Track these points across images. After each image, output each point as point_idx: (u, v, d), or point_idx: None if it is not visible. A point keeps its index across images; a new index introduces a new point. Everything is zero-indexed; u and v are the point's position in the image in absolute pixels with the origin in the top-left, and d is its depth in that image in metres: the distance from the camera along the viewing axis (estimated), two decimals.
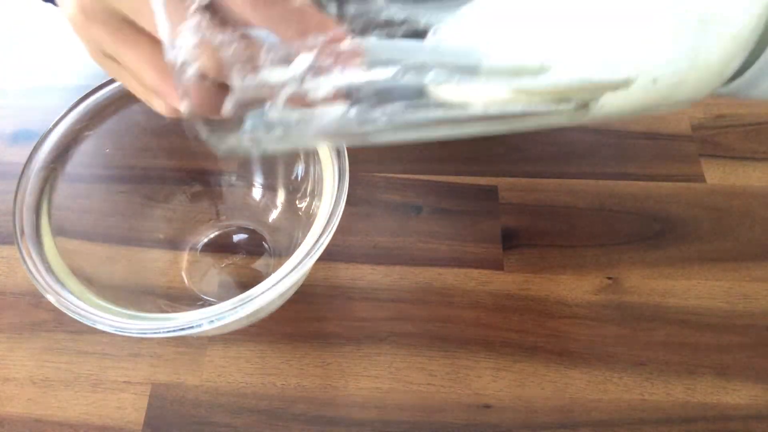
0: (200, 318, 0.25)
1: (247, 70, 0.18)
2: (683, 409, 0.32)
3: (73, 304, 0.26)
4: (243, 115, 0.19)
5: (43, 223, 0.28)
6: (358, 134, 0.21)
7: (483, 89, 0.20)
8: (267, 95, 0.18)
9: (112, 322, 0.26)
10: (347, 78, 0.18)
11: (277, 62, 0.18)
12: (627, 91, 0.19)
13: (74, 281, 0.27)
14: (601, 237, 0.39)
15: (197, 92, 0.18)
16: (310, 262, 0.27)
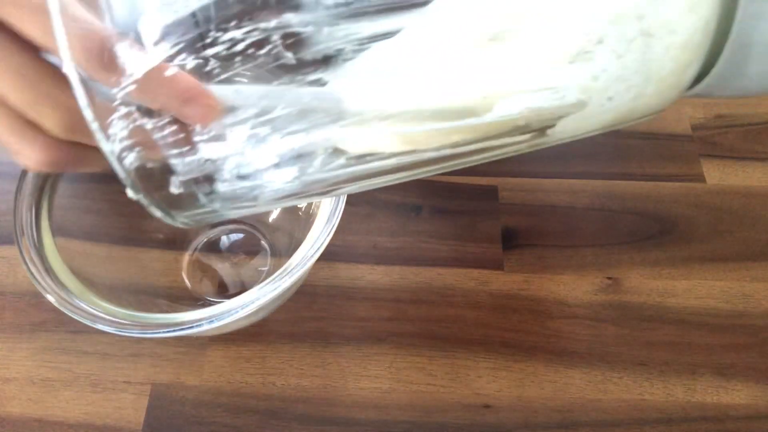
0: (200, 318, 0.25)
1: (185, 150, 0.17)
2: (683, 409, 0.32)
3: (72, 304, 0.26)
4: (193, 191, 0.19)
5: (43, 223, 0.28)
6: (314, 194, 0.21)
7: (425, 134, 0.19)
8: (211, 170, 0.18)
9: (112, 322, 0.26)
10: (287, 145, 0.18)
11: (213, 138, 0.17)
12: (584, 112, 0.19)
13: (74, 281, 0.27)
14: (601, 237, 0.39)
15: (140, 177, 0.18)
16: (310, 262, 0.27)
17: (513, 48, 0.18)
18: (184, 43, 0.16)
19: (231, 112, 0.17)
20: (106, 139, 0.17)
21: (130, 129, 0.17)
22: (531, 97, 0.18)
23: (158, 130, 0.17)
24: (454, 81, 0.19)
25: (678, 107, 0.44)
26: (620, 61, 0.18)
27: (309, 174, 0.19)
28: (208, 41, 0.16)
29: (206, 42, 0.16)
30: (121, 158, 0.17)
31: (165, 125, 0.17)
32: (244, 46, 0.16)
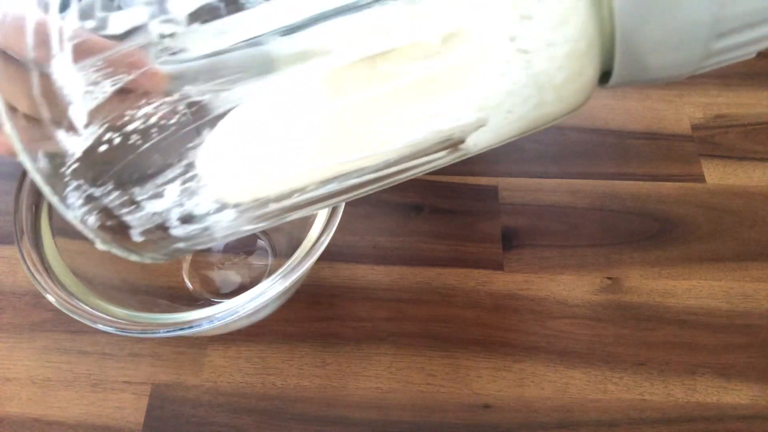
0: (200, 318, 0.25)
1: (132, 209, 0.20)
2: (683, 409, 0.32)
3: (72, 305, 0.26)
4: (154, 238, 0.21)
5: (43, 223, 0.28)
6: (268, 220, 0.22)
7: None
8: (160, 221, 0.20)
9: (112, 322, 0.26)
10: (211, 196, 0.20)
11: (152, 197, 0.20)
12: (489, 126, 0.20)
13: (74, 281, 0.27)
14: (601, 237, 0.39)
15: (105, 233, 0.20)
16: (309, 261, 0.27)
17: (400, 84, 0.19)
18: (108, 124, 0.18)
19: (161, 173, 0.20)
20: (67, 208, 0.19)
21: (83, 198, 0.19)
22: (428, 124, 0.19)
23: (105, 195, 0.19)
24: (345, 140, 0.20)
25: (678, 107, 0.44)
26: (505, 79, 0.18)
27: (248, 212, 0.21)
28: (127, 119, 0.18)
29: (124, 120, 0.18)
30: (84, 221, 0.20)
31: (110, 191, 0.19)
32: (156, 118, 0.18)
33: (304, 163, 0.20)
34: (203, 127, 0.19)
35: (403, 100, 0.19)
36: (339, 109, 0.19)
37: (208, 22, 0.18)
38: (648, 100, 0.45)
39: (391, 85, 0.19)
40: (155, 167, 0.19)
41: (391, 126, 0.19)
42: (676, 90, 0.45)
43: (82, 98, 0.18)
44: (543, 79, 0.18)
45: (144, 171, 0.19)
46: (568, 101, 0.20)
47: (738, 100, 0.45)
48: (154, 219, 0.20)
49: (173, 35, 0.18)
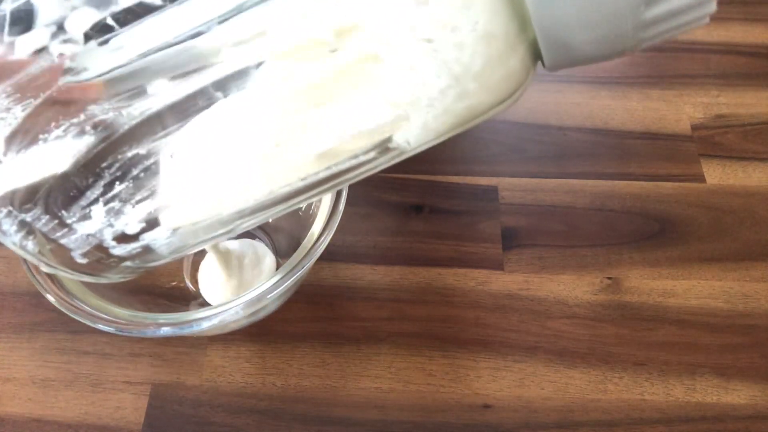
0: (200, 318, 0.25)
1: (65, 232, 0.20)
2: (683, 409, 0.32)
3: (72, 305, 0.26)
4: (97, 259, 0.21)
5: None
6: (214, 237, 0.23)
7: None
8: (96, 242, 0.21)
9: (112, 322, 0.26)
10: (143, 211, 0.20)
11: (81, 218, 0.20)
12: (413, 123, 0.19)
13: (74, 281, 0.27)
14: (601, 237, 0.39)
15: (47, 257, 0.21)
16: (309, 262, 0.27)
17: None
18: (24, 150, 0.19)
19: (83, 195, 0.20)
20: (3, 235, 0.20)
21: (16, 224, 0.19)
22: (344, 126, 0.19)
23: (36, 220, 0.20)
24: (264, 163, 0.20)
25: (678, 107, 0.44)
26: (415, 72, 0.17)
27: (183, 229, 0.21)
28: (39, 144, 0.19)
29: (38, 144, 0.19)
30: (24, 247, 0.20)
31: (39, 216, 0.20)
32: (70, 139, 0.19)
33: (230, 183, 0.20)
34: (114, 147, 0.19)
35: (315, 103, 0.18)
36: (250, 125, 0.19)
37: (105, 38, 0.18)
38: (648, 100, 0.45)
39: (294, 88, 0.18)
40: (76, 189, 0.20)
41: (309, 131, 0.19)
42: (676, 90, 0.45)
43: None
44: (457, 69, 0.17)
45: (67, 194, 0.20)
46: (497, 90, 0.18)
47: (738, 100, 0.45)
48: (90, 240, 0.21)
49: (73, 55, 0.18)
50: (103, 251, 0.21)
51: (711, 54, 0.48)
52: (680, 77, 0.46)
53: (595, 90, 0.45)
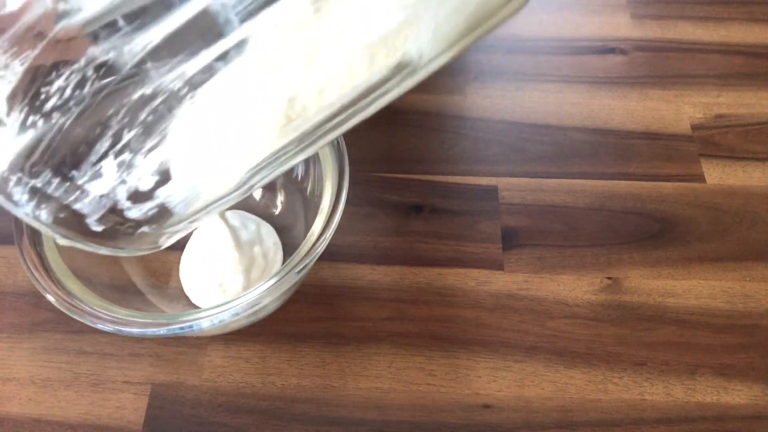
0: (200, 318, 0.25)
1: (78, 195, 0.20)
2: (683, 409, 0.32)
3: (72, 305, 0.26)
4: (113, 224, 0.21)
5: None
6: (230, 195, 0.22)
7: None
8: (110, 204, 0.20)
9: (112, 322, 0.26)
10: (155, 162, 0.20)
11: (92, 177, 0.19)
12: (426, 24, 0.19)
13: (74, 281, 0.27)
14: (601, 237, 0.39)
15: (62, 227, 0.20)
16: (309, 262, 0.27)
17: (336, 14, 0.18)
18: (27, 107, 0.18)
19: (92, 149, 0.19)
20: (15, 206, 0.19)
21: (27, 192, 0.19)
22: (356, 35, 0.18)
23: (47, 185, 0.19)
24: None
25: (678, 107, 0.44)
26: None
27: (199, 184, 0.21)
28: (43, 97, 0.18)
29: (41, 99, 0.18)
30: (37, 217, 0.19)
31: (50, 179, 0.19)
32: (70, 90, 0.18)
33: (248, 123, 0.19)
34: (118, 91, 0.18)
35: (324, 13, 0.18)
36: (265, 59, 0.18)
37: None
38: (648, 100, 0.45)
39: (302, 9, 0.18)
40: (84, 144, 0.19)
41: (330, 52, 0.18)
42: (676, 90, 0.45)
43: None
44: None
45: (75, 150, 0.19)
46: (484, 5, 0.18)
47: (738, 100, 0.45)
48: (103, 202, 0.20)
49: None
50: (119, 214, 0.20)
51: (711, 54, 0.48)
52: (680, 77, 0.46)
53: (595, 90, 0.45)
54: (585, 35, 0.49)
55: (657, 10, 0.50)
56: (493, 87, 0.46)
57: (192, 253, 0.36)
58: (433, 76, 0.48)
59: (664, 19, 0.50)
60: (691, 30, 0.49)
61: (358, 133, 0.43)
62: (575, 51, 0.48)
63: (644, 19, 0.50)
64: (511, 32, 0.49)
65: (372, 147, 0.42)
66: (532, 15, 0.50)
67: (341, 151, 0.30)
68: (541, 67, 0.47)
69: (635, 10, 0.50)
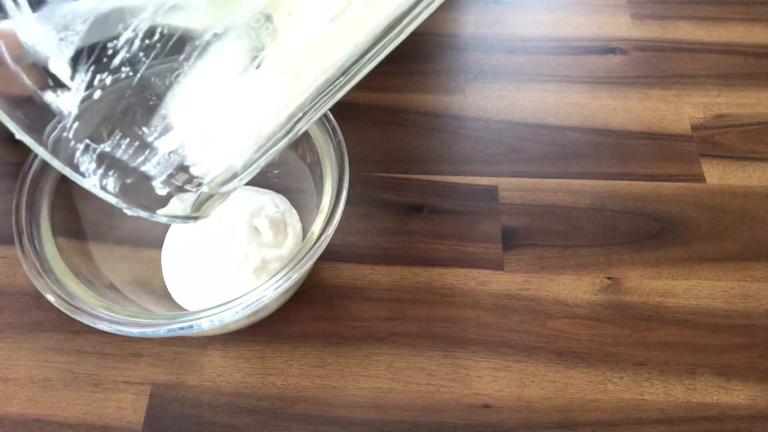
0: (200, 318, 0.25)
1: (148, 154, 0.19)
2: (683, 409, 0.32)
3: (73, 305, 0.26)
4: (178, 185, 0.21)
5: (42, 222, 0.28)
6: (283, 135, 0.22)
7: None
8: (179, 160, 0.20)
9: (112, 322, 0.26)
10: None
11: (162, 132, 0.19)
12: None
13: (74, 281, 0.27)
14: (601, 237, 0.39)
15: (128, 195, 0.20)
16: (310, 261, 0.27)
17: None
18: (94, 65, 0.17)
19: (163, 100, 0.19)
20: (83, 177, 0.18)
21: (95, 159, 0.18)
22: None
23: (116, 147, 0.19)
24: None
25: (678, 107, 0.44)
26: None
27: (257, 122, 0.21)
28: (111, 53, 0.17)
29: (109, 54, 0.17)
30: (104, 187, 0.19)
31: (119, 140, 0.19)
32: (139, 41, 0.17)
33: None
34: (189, 35, 0.18)
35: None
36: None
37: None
38: (648, 100, 0.45)
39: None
40: (155, 96, 0.18)
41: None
42: (676, 90, 0.45)
43: (58, 48, 0.17)
44: None
45: (146, 104, 0.18)
46: None
47: (738, 100, 0.45)
48: (172, 159, 0.20)
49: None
50: (185, 171, 0.20)
51: (711, 54, 0.48)
52: (680, 77, 0.46)
53: (595, 90, 0.45)
54: (585, 35, 0.49)
55: (657, 10, 0.50)
56: (493, 87, 0.46)
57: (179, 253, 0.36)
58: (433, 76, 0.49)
59: (664, 19, 0.50)
60: (691, 30, 0.49)
61: (358, 133, 0.43)
62: (575, 51, 0.48)
63: (644, 19, 0.50)
64: (511, 32, 0.49)
65: (372, 147, 0.42)
66: (532, 15, 0.50)
67: (341, 150, 0.30)
68: (541, 67, 0.47)
69: (635, 10, 0.50)
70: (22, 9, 0.16)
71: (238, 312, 0.25)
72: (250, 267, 0.34)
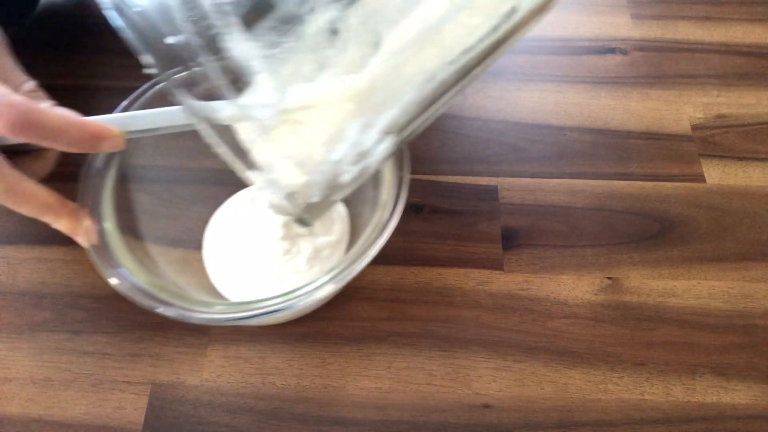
0: (295, 297, 0.26)
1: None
2: (683, 409, 0.32)
3: (134, 286, 0.26)
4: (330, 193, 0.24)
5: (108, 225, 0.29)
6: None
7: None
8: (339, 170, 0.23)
9: (172, 307, 0.26)
10: (392, 117, 0.23)
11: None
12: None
13: (137, 267, 0.28)
14: (601, 237, 0.39)
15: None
16: (365, 261, 0.27)
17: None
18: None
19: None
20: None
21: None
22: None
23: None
24: None
25: (678, 107, 0.44)
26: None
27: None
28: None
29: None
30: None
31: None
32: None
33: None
34: None
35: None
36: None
37: None
38: (648, 100, 0.45)
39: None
40: None
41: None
42: (676, 90, 0.45)
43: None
44: None
45: None
46: None
47: (738, 100, 0.45)
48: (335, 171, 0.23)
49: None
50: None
51: (711, 54, 0.48)
52: (680, 77, 0.46)
53: (595, 90, 0.45)
54: (585, 35, 0.49)
55: (657, 10, 0.50)
56: (492, 87, 0.46)
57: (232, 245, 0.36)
58: None
59: (664, 19, 0.50)
60: (691, 30, 0.49)
61: None
62: (575, 51, 0.48)
63: (644, 19, 0.50)
64: None
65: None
66: None
67: (404, 161, 0.29)
68: (541, 67, 0.47)
69: (635, 10, 0.50)
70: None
71: (337, 282, 0.26)
72: (303, 257, 0.34)
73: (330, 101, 0.22)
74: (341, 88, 0.22)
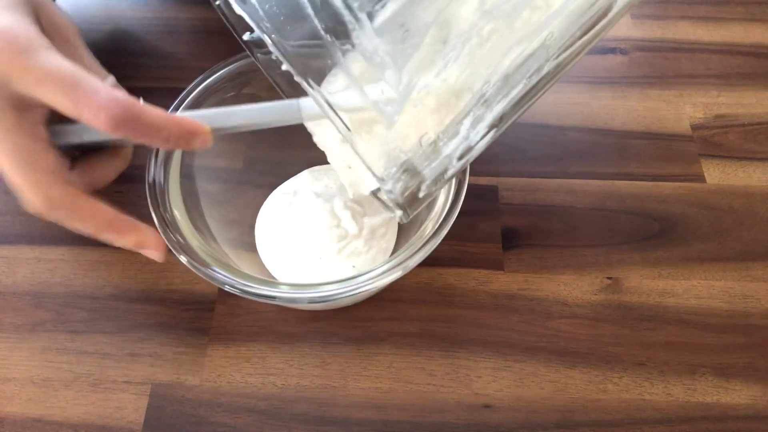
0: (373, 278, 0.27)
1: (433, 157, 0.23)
2: (683, 409, 0.32)
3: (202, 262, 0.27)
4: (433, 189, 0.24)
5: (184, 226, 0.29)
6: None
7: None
8: (447, 164, 0.24)
9: (234, 284, 0.27)
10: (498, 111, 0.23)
11: (450, 136, 0.23)
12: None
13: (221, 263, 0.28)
14: (601, 237, 0.39)
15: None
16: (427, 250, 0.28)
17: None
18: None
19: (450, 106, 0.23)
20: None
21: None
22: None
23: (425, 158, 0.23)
24: None
25: (678, 107, 0.44)
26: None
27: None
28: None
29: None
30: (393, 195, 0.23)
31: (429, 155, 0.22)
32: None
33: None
34: None
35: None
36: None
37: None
38: (648, 100, 0.45)
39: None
40: None
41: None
42: (676, 90, 0.45)
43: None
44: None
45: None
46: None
47: (738, 100, 0.45)
48: (443, 163, 0.23)
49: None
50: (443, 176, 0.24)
51: (711, 54, 0.48)
52: (680, 77, 0.46)
53: (595, 90, 0.45)
54: None
55: (657, 10, 0.50)
56: None
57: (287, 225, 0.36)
58: None
59: (664, 19, 0.50)
60: (691, 30, 0.49)
61: None
62: None
63: (644, 19, 0.50)
64: None
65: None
66: None
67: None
68: None
69: (635, 10, 0.50)
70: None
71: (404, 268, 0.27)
72: (361, 240, 0.34)
73: (443, 96, 0.22)
74: (452, 82, 0.22)
